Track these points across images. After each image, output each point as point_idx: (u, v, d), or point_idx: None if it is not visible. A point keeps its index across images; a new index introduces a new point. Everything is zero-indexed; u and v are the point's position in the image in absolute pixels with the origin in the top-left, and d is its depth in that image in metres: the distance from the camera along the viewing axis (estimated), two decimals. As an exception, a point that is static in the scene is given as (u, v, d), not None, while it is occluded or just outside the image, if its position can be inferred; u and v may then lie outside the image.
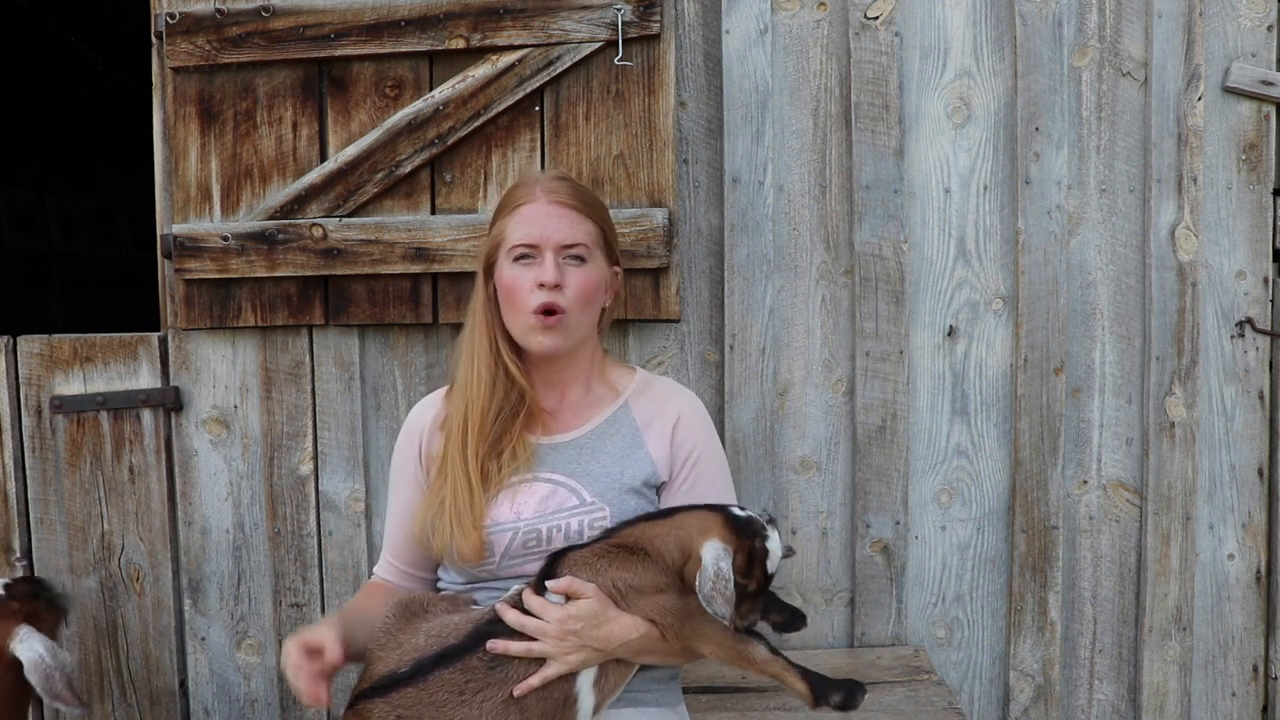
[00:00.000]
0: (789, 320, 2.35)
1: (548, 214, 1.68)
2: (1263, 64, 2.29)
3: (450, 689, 1.50)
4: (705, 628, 1.53)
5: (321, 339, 2.37)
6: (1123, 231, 2.32)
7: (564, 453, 1.72)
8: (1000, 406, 2.35)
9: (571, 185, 1.75)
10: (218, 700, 2.47)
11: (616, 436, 1.73)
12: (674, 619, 1.54)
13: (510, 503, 1.66)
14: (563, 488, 1.68)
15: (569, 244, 1.67)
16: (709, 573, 1.47)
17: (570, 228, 1.68)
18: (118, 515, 2.43)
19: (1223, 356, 2.34)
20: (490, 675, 1.50)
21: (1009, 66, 2.30)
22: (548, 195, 1.69)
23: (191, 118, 2.32)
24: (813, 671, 1.56)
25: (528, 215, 1.68)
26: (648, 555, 1.55)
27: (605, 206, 1.82)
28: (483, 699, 1.49)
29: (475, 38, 2.22)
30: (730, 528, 1.53)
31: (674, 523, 1.57)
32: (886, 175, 2.30)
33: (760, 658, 1.54)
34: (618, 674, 1.57)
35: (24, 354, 2.41)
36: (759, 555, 1.51)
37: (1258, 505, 2.37)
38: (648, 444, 1.73)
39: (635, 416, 1.76)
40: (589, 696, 1.54)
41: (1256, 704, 2.41)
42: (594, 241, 1.71)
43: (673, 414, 1.76)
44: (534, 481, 1.68)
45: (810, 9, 2.31)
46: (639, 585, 1.54)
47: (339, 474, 2.38)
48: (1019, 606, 2.35)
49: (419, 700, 1.50)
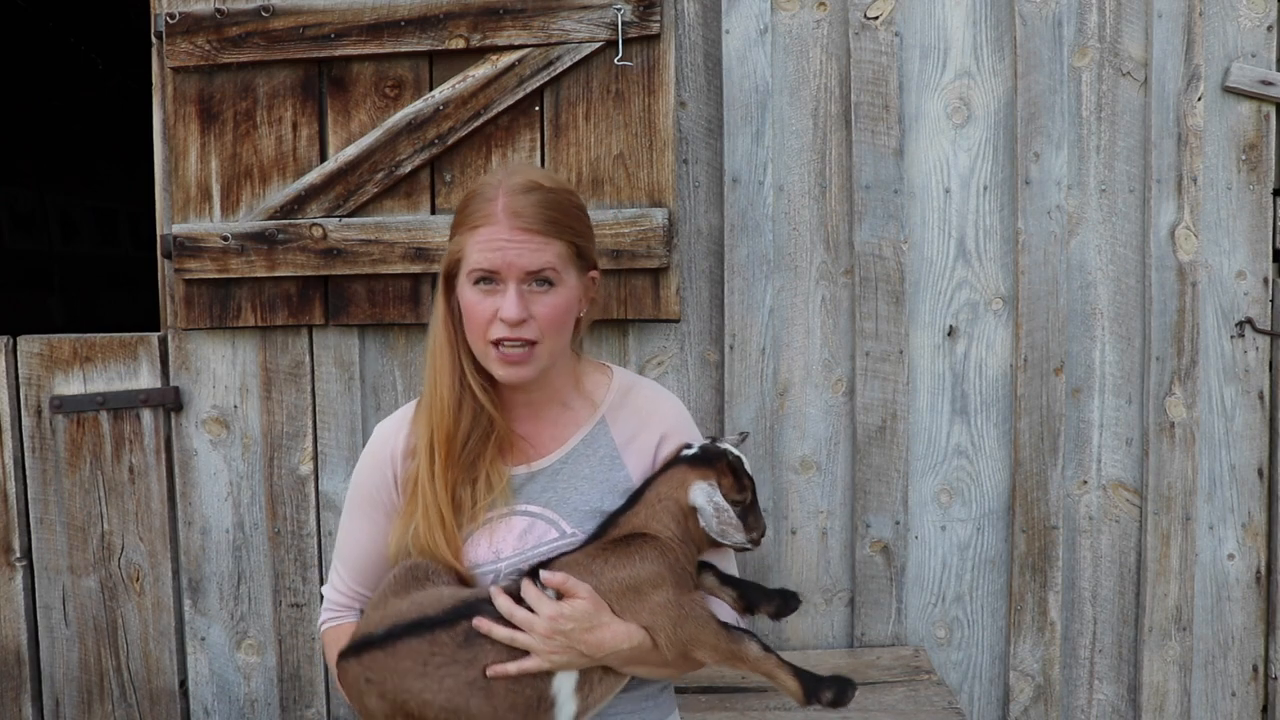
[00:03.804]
0: (789, 320, 2.35)
1: (509, 240, 1.48)
2: (1263, 64, 2.29)
3: (414, 658, 1.47)
4: (698, 632, 1.52)
5: (321, 339, 2.37)
6: (1123, 231, 2.32)
7: (539, 481, 1.61)
8: (1000, 406, 2.35)
9: (538, 200, 1.51)
10: (218, 700, 2.47)
11: (593, 458, 1.63)
12: (670, 622, 1.51)
13: (489, 541, 1.58)
14: (541, 520, 1.59)
15: (535, 269, 1.49)
16: (709, 512, 1.50)
17: (535, 254, 1.49)
18: (118, 515, 2.43)
19: (1223, 356, 2.34)
20: (458, 653, 1.47)
21: (1009, 66, 2.30)
22: (511, 219, 1.48)
23: (191, 118, 2.32)
24: (803, 669, 1.56)
25: (487, 239, 1.49)
26: (648, 538, 1.54)
27: (579, 209, 1.59)
28: (444, 674, 1.46)
29: (475, 38, 2.22)
30: (699, 465, 1.56)
31: (651, 498, 1.57)
32: (886, 175, 2.30)
33: (753, 655, 1.53)
34: (605, 684, 1.53)
35: (24, 354, 2.41)
36: (737, 467, 1.56)
37: (1258, 505, 2.37)
38: (628, 464, 1.63)
39: (613, 435, 1.64)
40: (570, 703, 1.50)
41: (1256, 704, 2.41)
42: (564, 261, 1.52)
43: (655, 433, 1.65)
44: (510, 516, 1.59)
45: (810, 9, 2.31)
46: (636, 583, 1.52)
47: (339, 474, 2.38)
48: (1019, 606, 2.35)
49: (383, 665, 1.48)
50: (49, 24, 5.75)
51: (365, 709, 1.51)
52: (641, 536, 1.54)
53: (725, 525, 1.51)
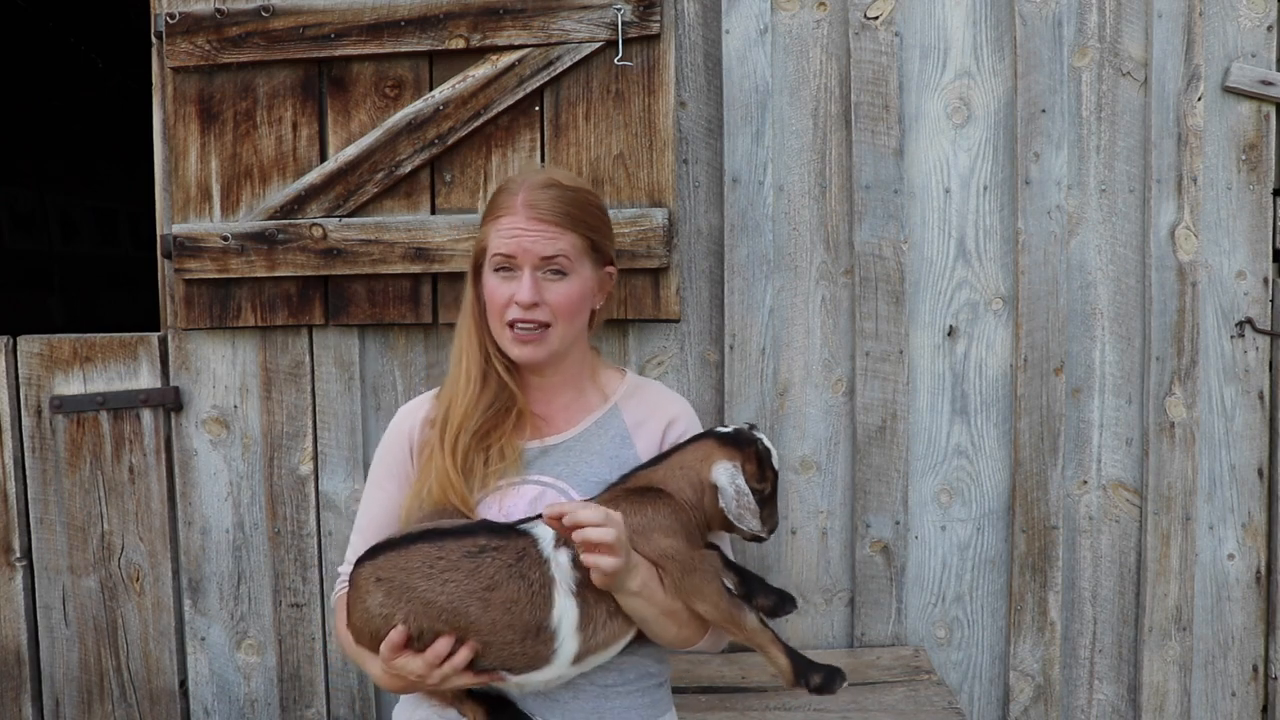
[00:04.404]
0: (789, 320, 2.35)
1: (525, 228, 1.63)
2: (1263, 64, 2.29)
3: (423, 559, 1.52)
4: (704, 585, 1.55)
5: (321, 339, 2.37)
6: (1123, 231, 2.32)
7: (553, 455, 1.71)
8: (1000, 406, 2.35)
9: (556, 195, 1.66)
10: (218, 700, 2.47)
11: (605, 437, 1.73)
12: (677, 568, 1.55)
13: (499, 506, 1.65)
14: (551, 489, 1.67)
15: (548, 256, 1.64)
16: (729, 493, 1.54)
17: (549, 243, 1.63)
18: (118, 515, 2.43)
19: (1223, 356, 2.34)
20: (464, 561, 1.51)
21: (1009, 66, 2.30)
22: (528, 210, 1.64)
23: (191, 118, 2.32)
24: (796, 651, 1.59)
25: (506, 227, 1.64)
26: (663, 494, 1.57)
27: (597, 208, 1.73)
28: (447, 579, 1.50)
29: (475, 38, 2.22)
30: (728, 444, 1.59)
31: (674, 462, 1.61)
32: (886, 175, 2.30)
33: (750, 625, 1.57)
34: (609, 629, 1.55)
35: (24, 354, 2.41)
36: (764, 457, 1.60)
37: (1258, 505, 2.37)
38: (637, 445, 1.72)
39: (624, 418, 1.75)
40: (571, 640, 1.51)
41: (1256, 704, 2.41)
42: (577, 252, 1.66)
43: (664, 418, 1.75)
44: (522, 484, 1.67)
45: (810, 9, 2.31)
46: (649, 527, 1.55)
47: (339, 474, 2.38)
48: (1019, 606, 2.35)
49: (395, 564, 1.53)
50: (49, 24, 5.75)
51: (365, 611, 1.54)
52: (657, 490, 1.59)
53: (743, 509, 1.54)
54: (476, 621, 1.49)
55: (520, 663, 1.52)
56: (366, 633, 1.54)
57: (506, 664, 1.52)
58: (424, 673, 1.50)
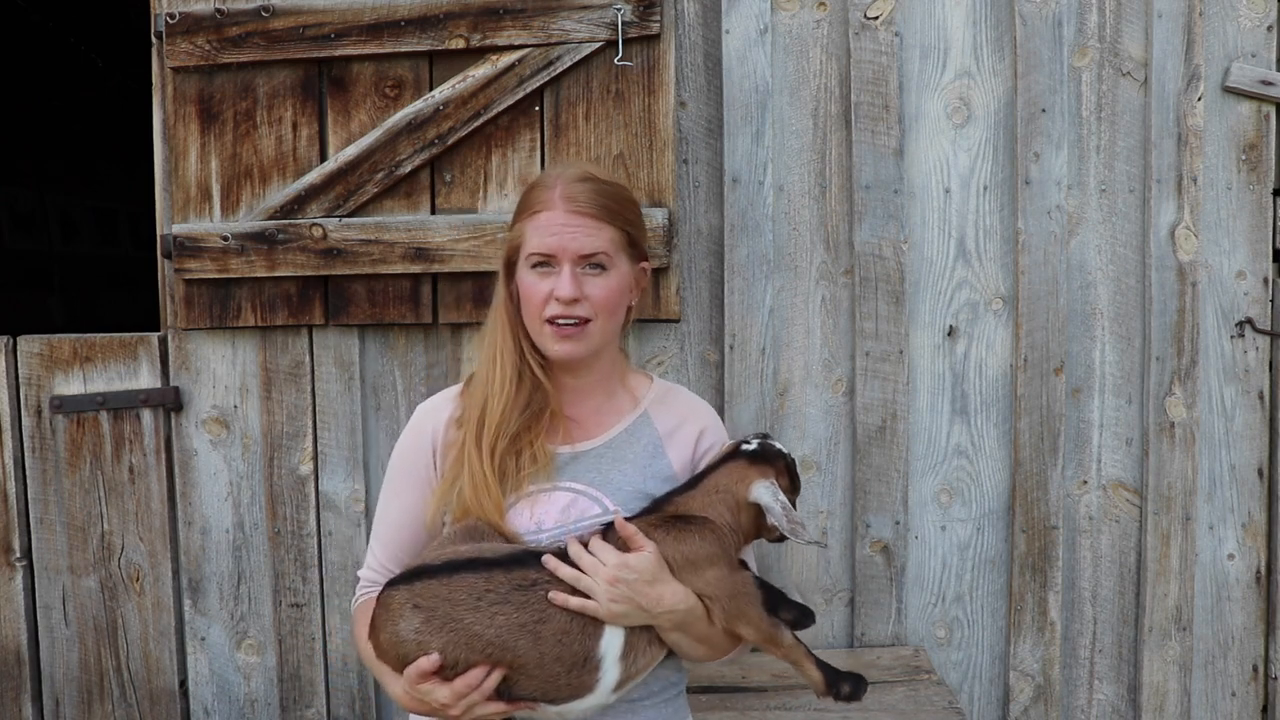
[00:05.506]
0: (789, 320, 2.35)
1: (565, 224, 1.59)
2: (1263, 64, 2.29)
3: (469, 591, 1.49)
4: (748, 608, 1.58)
5: (321, 339, 2.37)
6: (1123, 231, 2.32)
7: (585, 461, 1.68)
8: (1000, 406, 2.35)
9: (594, 189, 1.62)
10: (218, 700, 2.47)
11: (637, 445, 1.70)
12: (726, 595, 1.56)
13: (530, 512, 1.63)
14: (584, 496, 1.64)
15: (588, 253, 1.60)
16: (777, 510, 1.56)
17: (589, 238, 1.59)
18: (118, 515, 2.43)
19: (1223, 356, 2.34)
20: (512, 595, 1.50)
21: (1009, 66, 2.30)
22: (566, 203, 1.59)
23: (191, 118, 2.32)
24: (826, 662, 1.62)
25: (545, 223, 1.59)
26: (707, 522, 1.58)
27: (632, 202, 1.70)
28: (495, 612, 1.48)
29: (475, 38, 2.22)
30: (759, 462, 1.61)
31: (709, 486, 1.62)
32: (886, 175, 2.30)
33: (787, 642, 1.60)
34: (647, 656, 1.56)
35: (24, 354, 2.41)
36: (792, 468, 1.64)
37: (1258, 505, 2.37)
38: (669, 453, 1.70)
39: (656, 425, 1.72)
40: (614, 669, 1.52)
41: (1256, 704, 2.41)
42: (616, 247, 1.63)
43: (696, 427, 1.73)
44: (554, 491, 1.64)
45: (810, 9, 2.31)
46: (695, 559, 1.56)
47: (339, 474, 2.38)
48: (1019, 606, 2.35)
49: (437, 594, 1.50)
50: (49, 24, 5.75)
51: (395, 634, 1.52)
52: (700, 518, 1.59)
53: (794, 523, 1.56)
54: (524, 655, 1.48)
55: (564, 693, 1.51)
56: (394, 654, 1.52)
57: (549, 695, 1.51)
58: (449, 702, 1.48)
